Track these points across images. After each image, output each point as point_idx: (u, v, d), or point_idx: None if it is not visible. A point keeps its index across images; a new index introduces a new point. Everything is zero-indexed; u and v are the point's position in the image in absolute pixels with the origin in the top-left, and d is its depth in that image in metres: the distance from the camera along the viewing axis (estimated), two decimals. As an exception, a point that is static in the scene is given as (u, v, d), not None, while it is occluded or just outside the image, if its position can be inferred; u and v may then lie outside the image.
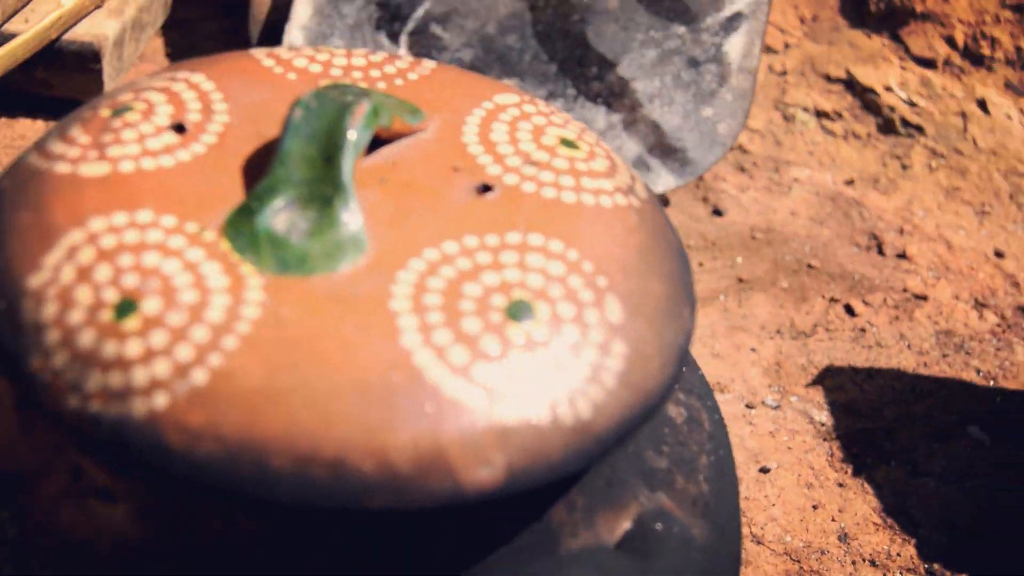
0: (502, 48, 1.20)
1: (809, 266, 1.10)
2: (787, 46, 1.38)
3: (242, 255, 0.38)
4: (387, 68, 0.49)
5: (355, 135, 0.41)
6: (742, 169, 1.21)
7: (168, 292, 0.37)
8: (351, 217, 0.40)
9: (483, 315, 0.38)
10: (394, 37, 1.19)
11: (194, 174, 0.42)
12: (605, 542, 0.43)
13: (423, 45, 1.20)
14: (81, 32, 1.12)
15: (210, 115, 0.44)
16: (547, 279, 0.39)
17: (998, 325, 1.04)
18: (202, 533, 0.39)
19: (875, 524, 0.83)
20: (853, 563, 0.81)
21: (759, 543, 0.84)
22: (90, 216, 0.39)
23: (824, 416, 0.91)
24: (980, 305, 1.06)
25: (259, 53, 0.49)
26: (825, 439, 0.90)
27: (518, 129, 0.46)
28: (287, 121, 0.41)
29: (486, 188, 0.43)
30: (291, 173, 0.40)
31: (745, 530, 0.85)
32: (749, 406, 0.94)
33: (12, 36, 1.07)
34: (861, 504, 0.85)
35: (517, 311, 0.38)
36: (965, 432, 0.91)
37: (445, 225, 0.41)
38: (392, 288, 0.38)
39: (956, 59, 1.36)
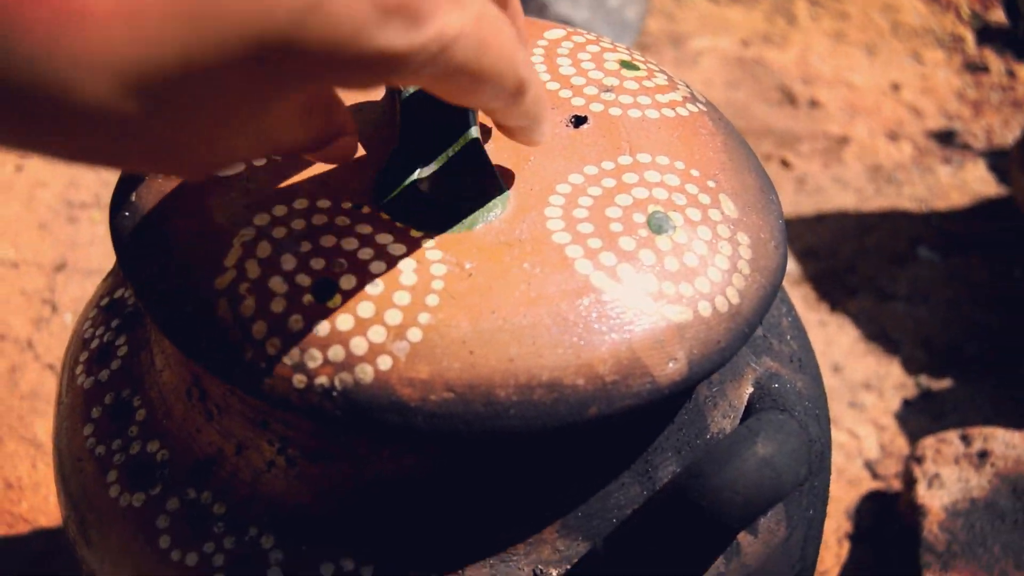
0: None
1: (736, 129, 1.16)
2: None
3: (405, 222, 0.42)
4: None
5: None
6: (646, 48, 1.27)
7: (357, 266, 0.40)
8: (487, 170, 0.44)
9: (632, 233, 0.42)
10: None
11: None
12: (737, 407, 0.49)
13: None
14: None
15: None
16: (669, 190, 0.44)
17: (915, 152, 1.13)
18: (380, 475, 0.44)
19: (860, 352, 0.92)
20: (850, 390, 0.90)
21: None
22: (251, 213, 0.42)
23: (791, 264, 0.99)
24: (894, 137, 1.15)
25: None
26: (797, 285, 0.98)
27: (580, 60, 0.50)
28: (399, 95, 0.44)
29: (580, 120, 0.47)
30: (418, 141, 0.44)
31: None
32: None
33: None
34: (844, 337, 0.93)
35: (657, 223, 0.43)
36: (916, 255, 1.00)
37: (562, 161, 0.45)
38: (548, 225, 0.42)
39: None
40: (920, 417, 0.88)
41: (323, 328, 0.39)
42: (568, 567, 0.43)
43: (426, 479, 0.43)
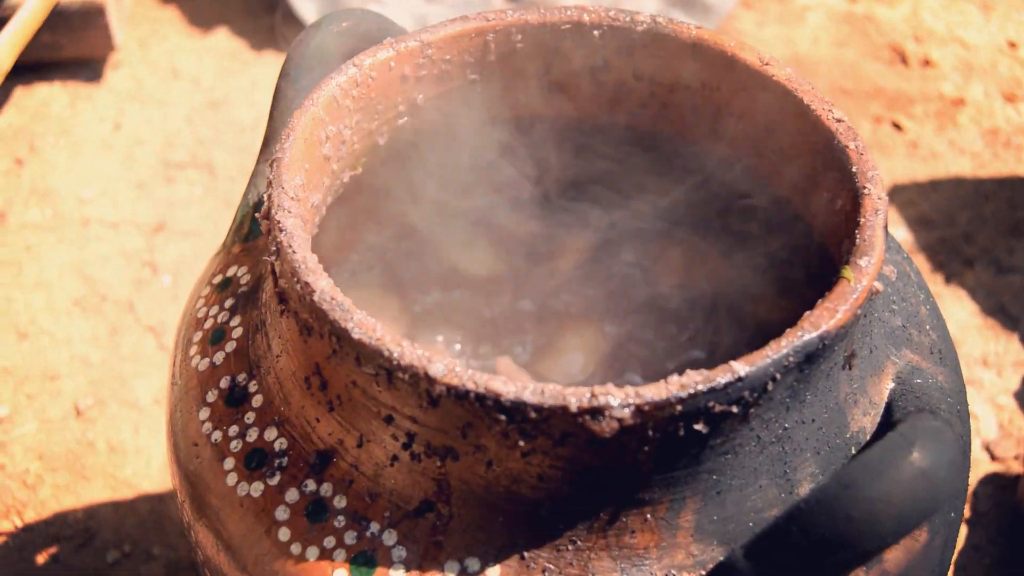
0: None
1: (844, 89, 1.12)
2: None
3: None
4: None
5: None
6: (751, 5, 1.22)
7: None
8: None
9: None
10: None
11: None
12: (877, 404, 0.46)
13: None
14: (78, -12, 1.09)
15: None
16: None
17: (1035, 114, 1.08)
18: (508, 473, 0.42)
19: (977, 327, 0.88)
20: (967, 366, 0.86)
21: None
22: None
23: (903, 233, 0.95)
24: (1011, 99, 1.10)
25: None
26: (910, 255, 0.94)
27: None
28: None
29: None
30: None
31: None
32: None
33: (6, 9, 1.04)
34: (960, 310, 0.89)
35: None
36: (1037, 224, 0.96)
37: None
38: None
39: None
40: (1042, 397, 0.84)
41: None
42: (703, 573, 0.41)
43: (555, 479, 0.41)
